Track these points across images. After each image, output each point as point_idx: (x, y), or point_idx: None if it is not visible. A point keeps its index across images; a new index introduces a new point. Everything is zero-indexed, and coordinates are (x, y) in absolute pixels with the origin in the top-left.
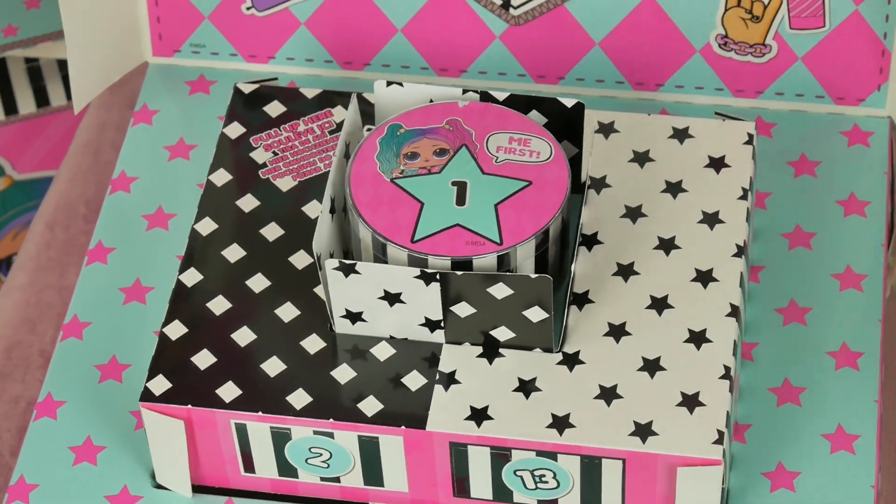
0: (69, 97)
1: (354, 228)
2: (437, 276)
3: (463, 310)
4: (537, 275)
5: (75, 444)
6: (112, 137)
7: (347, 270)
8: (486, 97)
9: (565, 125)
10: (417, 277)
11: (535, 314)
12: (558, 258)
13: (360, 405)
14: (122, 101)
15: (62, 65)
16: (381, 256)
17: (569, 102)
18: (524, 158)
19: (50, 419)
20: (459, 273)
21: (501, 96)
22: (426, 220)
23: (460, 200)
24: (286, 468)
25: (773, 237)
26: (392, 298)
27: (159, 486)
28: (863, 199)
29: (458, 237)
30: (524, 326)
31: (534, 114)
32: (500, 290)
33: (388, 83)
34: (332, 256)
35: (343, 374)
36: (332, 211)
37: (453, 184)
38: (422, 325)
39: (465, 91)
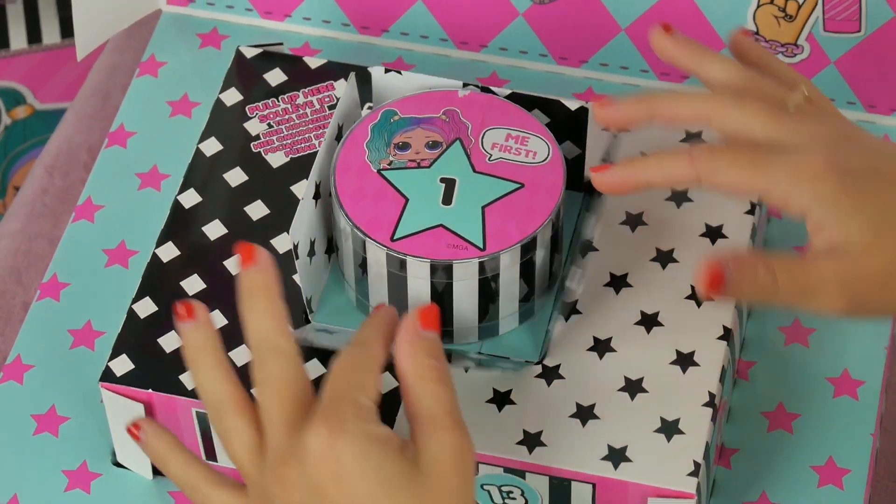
0: None
1: (336, 218)
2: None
3: None
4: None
5: (39, 412)
6: (123, 82)
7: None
8: (486, 92)
9: (569, 125)
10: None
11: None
12: (547, 263)
13: None
14: (139, 45)
15: None
16: (360, 251)
17: (573, 105)
18: (519, 158)
19: (16, 383)
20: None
21: (504, 91)
22: (409, 217)
23: (447, 199)
24: None
25: (784, 249)
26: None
27: (119, 465)
28: None
29: (440, 238)
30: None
31: (536, 113)
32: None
33: (387, 70)
34: (313, 243)
35: (314, 369)
36: (317, 196)
37: (442, 181)
38: None
39: (465, 85)
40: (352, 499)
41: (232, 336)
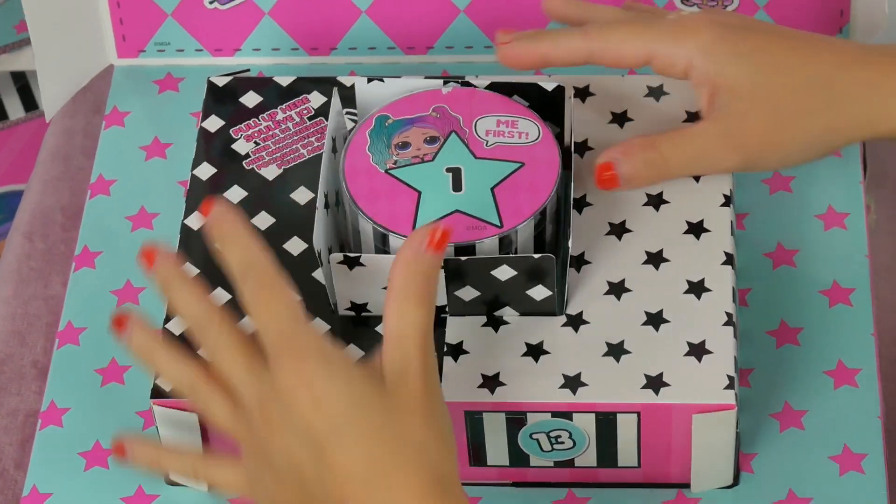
0: (26, 109)
1: (353, 221)
2: (441, 264)
3: (467, 294)
4: (540, 254)
5: (84, 449)
6: (81, 143)
7: (352, 263)
8: (466, 86)
9: (546, 107)
10: None
11: (539, 292)
12: (554, 235)
13: None
14: (87, 106)
15: (16, 77)
16: (381, 247)
17: (549, 86)
18: (514, 140)
19: (56, 427)
20: (463, 258)
21: (481, 83)
22: (425, 208)
23: (457, 186)
24: None
25: (753, 184)
26: None
27: (173, 483)
28: None
29: (458, 223)
30: (528, 304)
31: (515, 98)
32: (504, 272)
33: (369, 80)
34: (330, 251)
35: (351, 354)
36: (327, 206)
37: (448, 170)
38: None
39: (446, 82)
40: (332, 420)
41: None
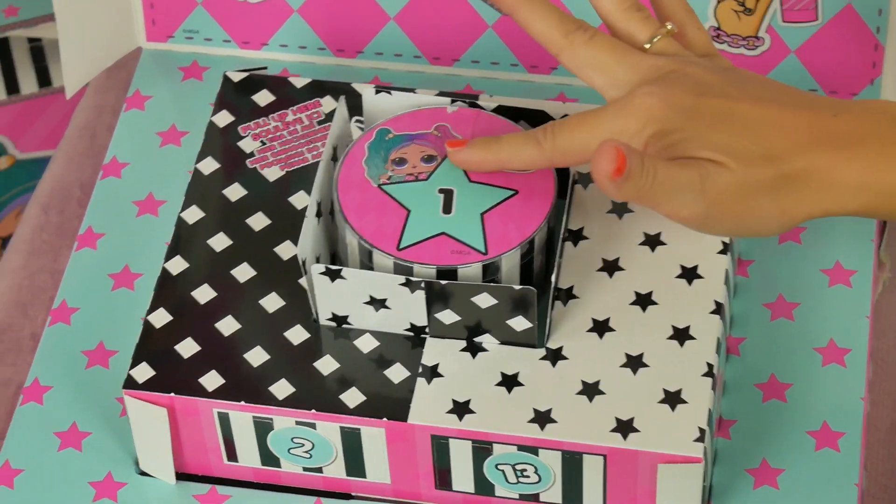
0: (40, 85)
1: (342, 233)
2: (422, 285)
3: (447, 317)
4: (521, 286)
5: (61, 429)
6: (108, 121)
7: (333, 276)
8: (474, 107)
9: None
10: (402, 285)
11: (520, 323)
12: (543, 266)
13: (343, 396)
14: (119, 84)
15: (36, 54)
16: (367, 262)
17: (557, 114)
18: None
19: (36, 404)
20: (444, 282)
21: (491, 104)
22: (412, 227)
23: (447, 208)
24: (268, 457)
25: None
26: (377, 304)
27: (143, 473)
28: None
29: (443, 246)
30: (508, 333)
31: (522, 124)
32: (484, 300)
33: (377, 90)
34: (318, 259)
35: (326, 365)
36: (319, 214)
37: (440, 191)
38: (407, 329)
39: (453, 101)
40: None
41: (250, 332)
